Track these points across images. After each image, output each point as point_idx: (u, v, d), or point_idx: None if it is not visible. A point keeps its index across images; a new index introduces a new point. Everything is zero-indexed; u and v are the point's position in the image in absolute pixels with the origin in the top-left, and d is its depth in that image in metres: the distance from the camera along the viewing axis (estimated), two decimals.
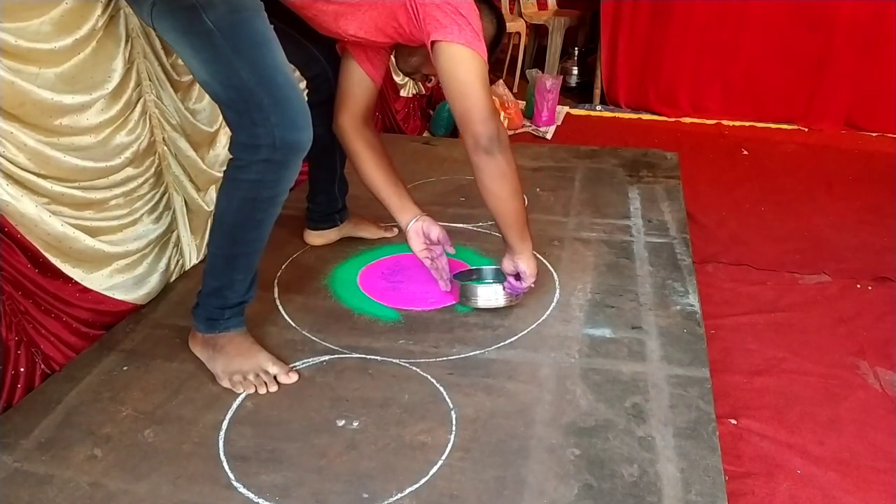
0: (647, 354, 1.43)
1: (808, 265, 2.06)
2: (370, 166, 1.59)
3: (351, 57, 1.54)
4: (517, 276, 1.54)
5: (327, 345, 1.46)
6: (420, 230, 1.59)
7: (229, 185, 1.25)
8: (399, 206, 1.60)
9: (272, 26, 1.21)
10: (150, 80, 1.52)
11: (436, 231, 1.59)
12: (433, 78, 1.55)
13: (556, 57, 4.42)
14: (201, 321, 1.34)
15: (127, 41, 1.43)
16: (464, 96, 1.31)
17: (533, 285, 1.56)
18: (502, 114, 3.30)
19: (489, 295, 1.57)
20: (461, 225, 2.05)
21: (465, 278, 1.66)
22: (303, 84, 1.79)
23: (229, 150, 1.24)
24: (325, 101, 1.66)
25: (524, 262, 1.51)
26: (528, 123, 3.57)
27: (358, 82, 1.56)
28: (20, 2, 1.17)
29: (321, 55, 1.64)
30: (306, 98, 1.73)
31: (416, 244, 1.59)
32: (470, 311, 1.59)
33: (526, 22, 4.40)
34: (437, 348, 1.45)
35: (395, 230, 1.98)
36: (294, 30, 1.52)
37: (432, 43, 1.31)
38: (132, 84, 1.47)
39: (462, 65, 1.30)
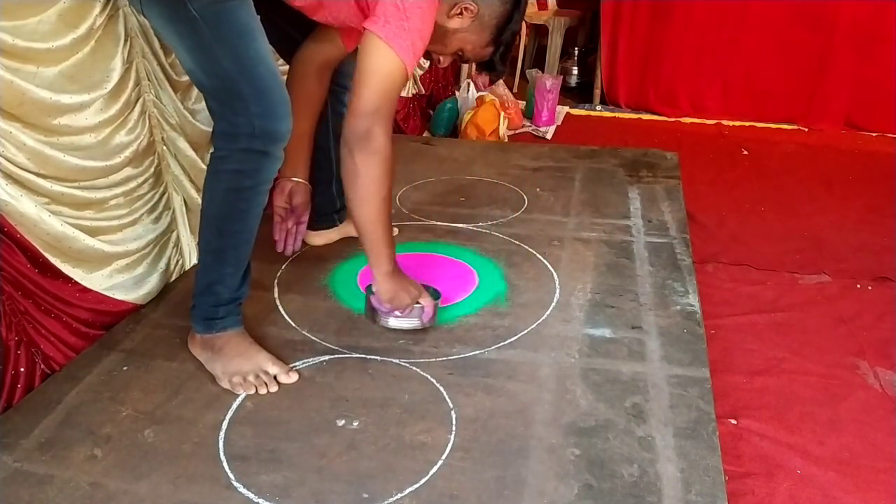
0: (647, 354, 1.43)
1: (808, 265, 2.05)
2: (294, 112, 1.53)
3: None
4: None
5: (327, 345, 1.46)
6: (286, 189, 1.61)
7: (212, 176, 1.27)
8: (290, 158, 1.52)
9: (259, 17, 1.22)
10: (148, 79, 1.52)
11: (299, 199, 1.62)
12: (441, 58, 1.45)
13: (556, 57, 4.41)
14: (198, 322, 1.34)
15: (126, 40, 1.43)
16: (357, 85, 1.25)
17: (401, 313, 1.43)
18: (502, 114, 3.29)
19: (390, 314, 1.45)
20: (461, 225, 2.05)
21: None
22: None
23: (211, 140, 1.26)
24: None
25: (376, 284, 1.41)
26: (528, 123, 3.57)
27: (331, 38, 1.54)
28: (18, 0, 1.17)
29: None
30: None
31: (278, 198, 1.61)
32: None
33: (526, 22, 4.39)
34: (437, 348, 1.44)
35: (396, 230, 1.97)
36: (292, 28, 1.52)
37: (364, 28, 1.26)
38: (131, 83, 1.47)
39: (370, 56, 1.23)
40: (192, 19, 1.14)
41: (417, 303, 1.44)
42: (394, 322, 1.46)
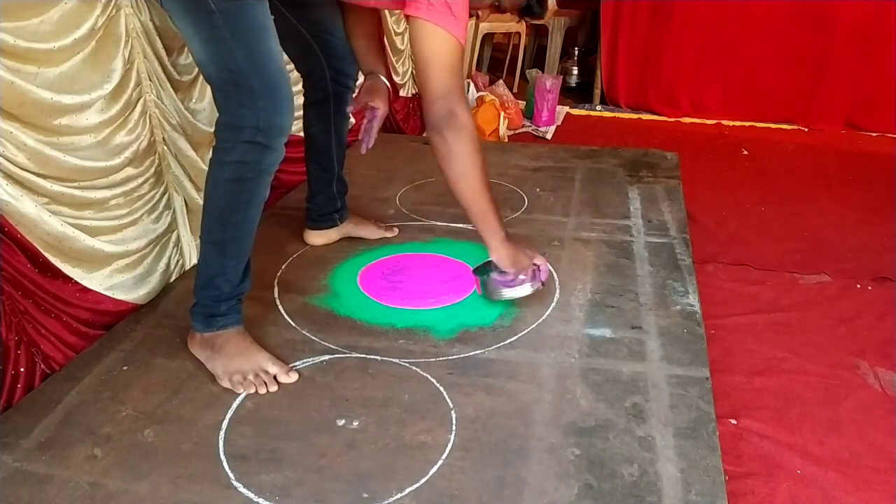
0: (647, 354, 1.43)
1: (808, 265, 2.06)
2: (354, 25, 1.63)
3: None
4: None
5: (327, 345, 1.46)
6: (366, 85, 1.63)
7: (215, 168, 1.28)
8: (364, 57, 1.64)
9: (273, 17, 1.25)
10: (150, 79, 1.53)
11: (377, 92, 1.61)
12: (480, 13, 1.49)
13: (556, 57, 4.42)
14: (199, 319, 1.34)
15: (126, 41, 1.43)
16: (422, 73, 1.32)
17: (525, 276, 1.50)
18: (502, 114, 3.30)
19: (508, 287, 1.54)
20: (461, 225, 2.05)
21: (484, 271, 1.59)
22: (297, 87, 1.80)
23: (214, 132, 1.27)
24: (321, 100, 1.68)
25: (494, 255, 1.49)
26: (528, 123, 3.57)
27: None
28: (19, 1, 1.17)
29: (322, 54, 1.65)
30: (303, 97, 1.76)
31: (361, 96, 1.62)
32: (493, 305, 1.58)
33: (526, 22, 4.39)
34: (437, 348, 1.44)
35: (396, 230, 1.98)
36: (302, 25, 1.55)
37: (408, 16, 1.30)
38: (132, 84, 1.47)
39: (424, 42, 1.29)
40: (210, 12, 1.17)
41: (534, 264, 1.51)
42: (518, 291, 1.51)
